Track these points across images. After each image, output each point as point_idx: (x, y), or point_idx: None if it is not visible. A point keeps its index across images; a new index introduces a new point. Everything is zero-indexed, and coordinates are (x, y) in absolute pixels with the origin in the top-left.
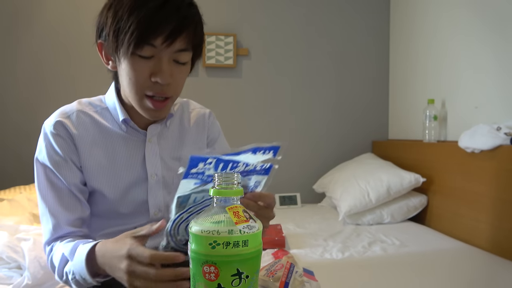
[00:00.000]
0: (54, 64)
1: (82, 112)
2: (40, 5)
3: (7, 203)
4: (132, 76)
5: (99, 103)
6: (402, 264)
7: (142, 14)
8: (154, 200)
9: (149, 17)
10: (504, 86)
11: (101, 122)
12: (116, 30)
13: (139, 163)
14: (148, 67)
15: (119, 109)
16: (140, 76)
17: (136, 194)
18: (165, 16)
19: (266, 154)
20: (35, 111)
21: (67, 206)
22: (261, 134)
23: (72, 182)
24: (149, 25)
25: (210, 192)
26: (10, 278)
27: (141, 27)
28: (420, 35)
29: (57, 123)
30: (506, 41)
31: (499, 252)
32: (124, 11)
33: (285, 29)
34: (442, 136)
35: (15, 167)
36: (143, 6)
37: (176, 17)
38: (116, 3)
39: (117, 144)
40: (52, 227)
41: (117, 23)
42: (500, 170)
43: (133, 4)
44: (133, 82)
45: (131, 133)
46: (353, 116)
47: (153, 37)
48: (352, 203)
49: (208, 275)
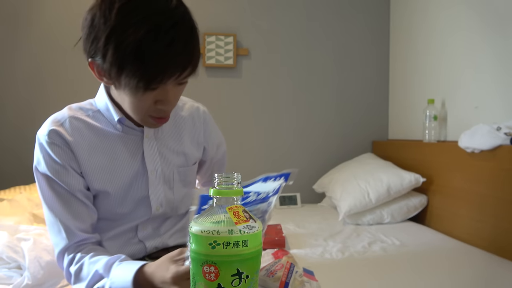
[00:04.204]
0: (53, 65)
1: (74, 118)
2: (39, 6)
3: (7, 203)
4: (135, 105)
5: (90, 107)
6: (402, 264)
7: (149, 60)
8: (155, 196)
9: (157, 62)
10: (504, 86)
11: (95, 125)
12: (119, 70)
13: (138, 160)
14: (153, 96)
15: (112, 109)
16: (145, 105)
17: (137, 191)
18: (174, 57)
19: (277, 180)
20: (35, 112)
21: (75, 213)
22: (261, 134)
23: (77, 188)
24: (157, 73)
25: (210, 192)
26: (10, 278)
27: (148, 75)
28: (420, 35)
29: (52, 132)
30: (506, 41)
31: (499, 252)
32: (128, 51)
33: (285, 29)
34: (442, 136)
35: (15, 167)
36: (150, 48)
37: (184, 54)
38: (118, 34)
39: (115, 145)
40: (66, 235)
41: (120, 64)
42: (500, 170)
43: (138, 44)
44: (136, 107)
45: (127, 131)
46: (353, 116)
47: (161, 80)
48: (352, 203)
49: (208, 275)
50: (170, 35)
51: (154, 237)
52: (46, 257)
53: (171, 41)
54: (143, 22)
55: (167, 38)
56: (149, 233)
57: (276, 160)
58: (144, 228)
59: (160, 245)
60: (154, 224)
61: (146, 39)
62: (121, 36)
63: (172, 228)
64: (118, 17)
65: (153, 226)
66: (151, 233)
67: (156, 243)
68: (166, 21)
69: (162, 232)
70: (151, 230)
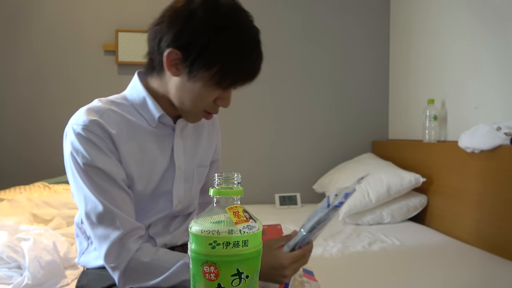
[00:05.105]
0: (54, 64)
1: (111, 111)
2: (40, 5)
3: (7, 203)
4: (199, 98)
5: (121, 101)
6: (402, 264)
7: (243, 65)
8: (177, 192)
9: (247, 69)
10: (504, 86)
11: (131, 119)
12: (212, 65)
13: (167, 156)
14: (218, 93)
15: (153, 106)
16: (207, 100)
17: (163, 186)
18: (258, 68)
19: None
20: (35, 111)
21: (124, 202)
22: (261, 134)
23: (120, 177)
24: (242, 77)
25: (210, 192)
26: (10, 278)
27: (234, 77)
28: (420, 35)
29: (93, 122)
30: (506, 41)
31: (499, 252)
32: (233, 51)
33: (285, 29)
34: (442, 136)
35: (15, 167)
36: (249, 56)
37: (260, 68)
38: (227, 34)
39: (148, 140)
40: (121, 223)
41: (218, 60)
42: (500, 170)
43: (242, 47)
44: (198, 101)
45: (159, 127)
46: (353, 116)
47: (241, 83)
48: (352, 203)
49: (208, 275)
50: (260, 48)
51: (164, 234)
52: (46, 257)
53: (259, 53)
54: (249, 27)
55: (259, 49)
56: (160, 230)
57: (276, 160)
58: (155, 225)
59: (169, 242)
60: (164, 222)
61: (249, 45)
62: (230, 37)
63: (180, 227)
64: (229, 18)
65: (163, 223)
66: (162, 230)
67: (165, 240)
68: (258, 33)
69: (171, 230)
70: (162, 227)
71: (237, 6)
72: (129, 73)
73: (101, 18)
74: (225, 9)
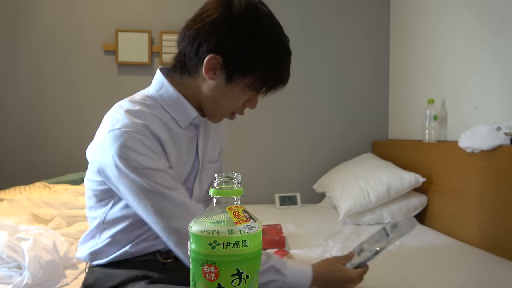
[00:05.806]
0: (54, 64)
1: (151, 114)
2: (40, 5)
3: (7, 203)
4: (233, 101)
5: (150, 102)
6: (401, 264)
7: (282, 74)
8: (196, 190)
9: (282, 77)
10: (504, 86)
11: (165, 121)
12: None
13: (192, 156)
14: (246, 97)
15: (189, 107)
16: (239, 102)
17: (186, 186)
18: (289, 73)
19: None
20: (36, 111)
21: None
22: (261, 134)
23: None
24: (277, 84)
25: (210, 192)
26: (10, 278)
27: (272, 84)
28: (420, 35)
29: (143, 126)
30: (506, 41)
31: (499, 252)
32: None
33: (285, 28)
34: (442, 136)
35: (16, 167)
36: (284, 63)
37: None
38: (263, 43)
39: (180, 142)
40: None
41: (262, 69)
42: (500, 170)
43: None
44: (231, 104)
45: (187, 128)
46: (353, 116)
47: (274, 90)
48: (352, 203)
49: (208, 275)
50: (291, 55)
51: None
52: (46, 256)
53: (290, 60)
54: (284, 35)
55: (290, 59)
56: None
57: (276, 160)
58: None
59: None
60: None
61: (285, 54)
62: (270, 46)
63: None
64: (269, 28)
65: None
66: None
67: None
68: (289, 41)
69: None
70: None
71: (273, 15)
72: (129, 73)
73: (101, 18)
74: (265, 18)
